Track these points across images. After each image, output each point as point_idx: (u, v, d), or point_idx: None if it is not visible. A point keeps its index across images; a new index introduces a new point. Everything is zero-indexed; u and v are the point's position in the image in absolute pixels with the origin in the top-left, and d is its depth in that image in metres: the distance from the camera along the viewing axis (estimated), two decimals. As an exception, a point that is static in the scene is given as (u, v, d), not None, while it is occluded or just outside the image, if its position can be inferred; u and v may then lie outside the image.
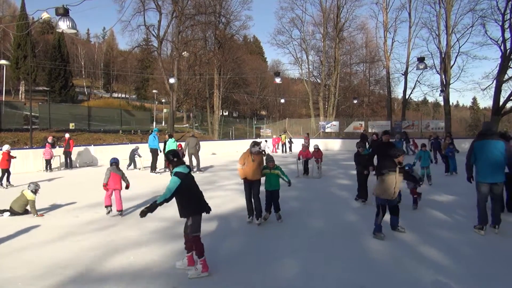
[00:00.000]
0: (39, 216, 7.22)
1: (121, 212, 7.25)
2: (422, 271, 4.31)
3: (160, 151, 14.07)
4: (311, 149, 13.39)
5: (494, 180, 5.58)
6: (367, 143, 17.22)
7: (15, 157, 12.04)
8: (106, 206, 7.24)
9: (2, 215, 7.24)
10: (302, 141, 25.81)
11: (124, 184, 7.32)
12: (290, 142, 27.27)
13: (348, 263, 4.65)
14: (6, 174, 11.12)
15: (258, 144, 6.61)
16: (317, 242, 5.46)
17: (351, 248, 5.18)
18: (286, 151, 26.51)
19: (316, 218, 6.91)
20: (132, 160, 15.47)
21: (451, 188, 9.61)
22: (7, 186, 11.04)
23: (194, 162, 14.11)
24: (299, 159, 12.72)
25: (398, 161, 5.48)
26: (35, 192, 7.37)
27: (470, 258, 4.74)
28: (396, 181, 5.45)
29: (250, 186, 6.51)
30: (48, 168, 14.84)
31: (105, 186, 7.17)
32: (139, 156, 15.45)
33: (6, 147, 11.52)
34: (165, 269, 4.49)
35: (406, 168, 6.64)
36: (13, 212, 7.27)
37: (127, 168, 14.73)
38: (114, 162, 7.38)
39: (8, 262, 4.79)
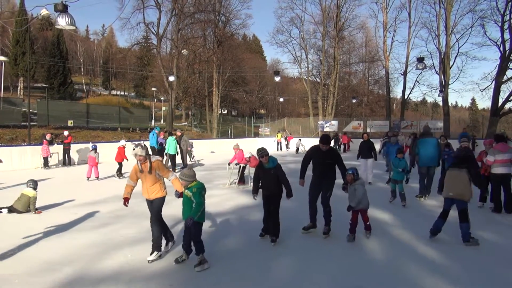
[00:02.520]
0: (37, 213, 7.23)
1: (97, 178, 11.52)
2: (419, 272, 4.32)
3: (156, 149, 14.06)
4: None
5: (430, 164, 8.23)
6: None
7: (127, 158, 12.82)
8: (88, 178, 11.40)
9: (1, 212, 7.23)
10: (296, 140, 26.09)
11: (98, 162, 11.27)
12: (286, 140, 28.14)
13: (345, 263, 4.66)
14: (119, 166, 12.25)
15: (138, 145, 4.74)
16: (314, 242, 5.46)
17: (348, 248, 5.19)
18: (282, 149, 27.11)
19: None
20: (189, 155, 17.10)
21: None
22: (120, 177, 11.96)
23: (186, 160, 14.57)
24: (229, 164, 10.93)
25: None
26: (35, 188, 7.40)
27: (467, 258, 4.75)
28: (467, 180, 5.13)
29: (150, 205, 4.87)
30: (46, 165, 14.83)
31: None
32: (190, 150, 16.97)
33: (122, 142, 12.45)
34: (162, 267, 4.49)
35: (350, 172, 5.48)
36: (14, 211, 7.24)
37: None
38: (94, 149, 11.42)
39: (5, 259, 4.78)
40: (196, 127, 38.75)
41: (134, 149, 4.64)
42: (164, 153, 13.91)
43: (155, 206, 4.78)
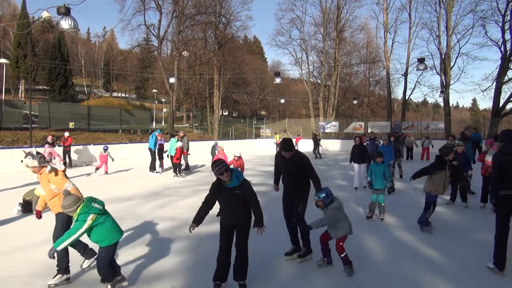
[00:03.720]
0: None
1: (107, 173, 13.51)
2: (419, 272, 4.32)
3: (153, 151, 14.05)
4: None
5: None
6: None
7: (187, 153, 13.72)
8: (96, 169, 13.59)
9: (20, 208, 7.44)
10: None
11: (110, 160, 13.62)
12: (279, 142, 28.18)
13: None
14: (178, 166, 13.04)
15: (27, 155, 4.03)
16: (315, 243, 5.45)
17: (347, 248, 5.17)
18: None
19: (313, 217, 6.87)
20: (213, 155, 17.51)
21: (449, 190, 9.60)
22: (180, 175, 12.98)
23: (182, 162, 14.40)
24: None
25: (448, 159, 5.77)
26: None
27: (468, 259, 4.75)
28: (445, 178, 5.77)
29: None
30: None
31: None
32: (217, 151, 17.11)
33: (179, 144, 12.99)
34: (163, 269, 4.49)
35: (317, 198, 4.35)
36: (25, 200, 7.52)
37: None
38: (105, 149, 13.65)
39: (6, 261, 4.79)
40: (197, 128, 38.77)
41: (22, 161, 3.92)
42: (166, 155, 13.92)
43: (58, 222, 4.14)
